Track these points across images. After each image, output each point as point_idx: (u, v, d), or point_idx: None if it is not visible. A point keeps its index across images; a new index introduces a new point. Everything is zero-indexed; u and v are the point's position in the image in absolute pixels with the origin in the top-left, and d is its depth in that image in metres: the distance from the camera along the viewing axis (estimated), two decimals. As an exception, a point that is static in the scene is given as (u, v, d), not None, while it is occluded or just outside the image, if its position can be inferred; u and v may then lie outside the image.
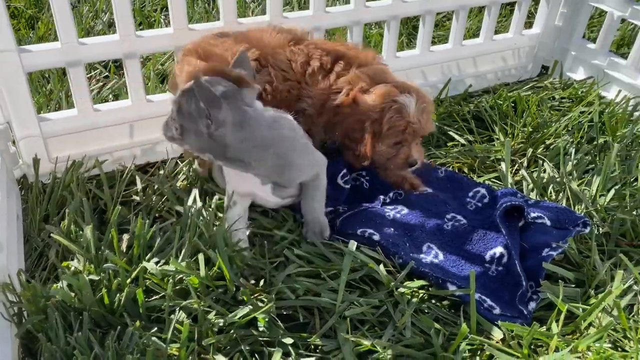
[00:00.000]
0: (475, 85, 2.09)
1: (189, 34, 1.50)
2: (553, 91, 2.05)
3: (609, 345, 1.13)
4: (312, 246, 1.31)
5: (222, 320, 1.10)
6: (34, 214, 1.38)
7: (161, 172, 1.54)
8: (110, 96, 1.89)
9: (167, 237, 1.28)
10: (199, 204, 1.36)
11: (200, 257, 1.18)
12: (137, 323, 1.06)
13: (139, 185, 1.48)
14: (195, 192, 1.38)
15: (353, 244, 1.26)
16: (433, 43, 2.02)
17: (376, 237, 1.32)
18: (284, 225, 1.38)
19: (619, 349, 1.13)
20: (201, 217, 1.30)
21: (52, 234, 1.25)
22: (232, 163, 1.24)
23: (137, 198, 1.46)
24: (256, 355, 1.09)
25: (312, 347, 1.12)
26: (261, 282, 1.20)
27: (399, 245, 1.31)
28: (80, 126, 1.51)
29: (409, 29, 2.46)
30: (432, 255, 1.31)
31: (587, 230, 1.36)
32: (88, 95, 1.48)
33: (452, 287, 1.22)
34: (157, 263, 1.19)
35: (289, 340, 1.09)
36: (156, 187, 1.46)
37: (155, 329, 1.08)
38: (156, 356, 1.03)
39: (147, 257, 1.21)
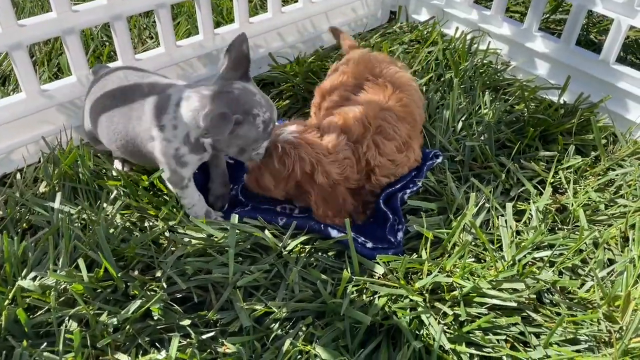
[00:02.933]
0: (331, 40, 2.15)
1: (19, 31, 1.39)
2: (402, 35, 2.17)
3: (473, 259, 1.29)
4: (196, 226, 1.32)
5: (115, 319, 1.09)
6: None
7: (19, 179, 1.45)
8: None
9: (41, 248, 1.23)
10: (67, 208, 1.31)
11: (80, 261, 1.16)
12: (24, 343, 1.03)
13: (-1, 200, 1.39)
14: (59, 195, 1.32)
15: (234, 217, 1.29)
16: (286, 3, 2.04)
17: (254, 213, 1.38)
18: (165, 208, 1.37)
19: (482, 261, 1.30)
20: (75, 219, 1.27)
21: None
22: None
23: (0, 212, 1.37)
24: (156, 344, 1.11)
25: (212, 322, 1.16)
26: (157, 273, 1.21)
27: (278, 214, 1.38)
28: None
29: (259, -10, 2.46)
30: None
31: (440, 160, 1.52)
32: None
33: (333, 232, 1.31)
34: (34, 278, 1.15)
35: (186, 322, 1.12)
36: (18, 197, 1.38)
37: (45, 344, 1.06)
38: (52, 370, 1.01)
39: (22, 274, 1.16)
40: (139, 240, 1.26)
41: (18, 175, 1.50)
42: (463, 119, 1.68)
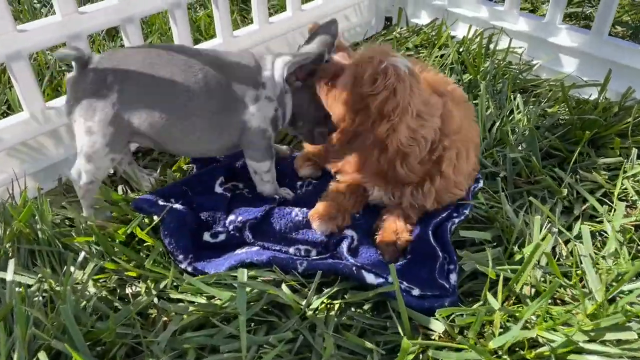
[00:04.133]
0: (325, 51, 1.91)
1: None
2: (405, 41, 1.93)
3: (550, 301, 1.02)
4: (190, 286, 1.03)
5: None
6: None
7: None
8: None
9: (-11, 338, 0.92)
10: (23, 279, 1.00)
11: (42, 355, 0.85)
12: None
13: None
14: (12, 263, 1.01)
15: (243, 273, 1.01)
16: (270, 14, 1.79)
17: (264, 256, 1.08)
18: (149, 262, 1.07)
19: (558, 301, 1.03)
20: (34, 292, 0.96)
21: None
22: None
23: (-64, 293, 1.05)
24: None
25: (227, 422, 0.86)
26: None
27: (294, 256, 1.10)
28: None
29: (239, 4, 2.20)
30: (345, 244, 1.12)
31: (481, 184, 1.26)
32: None
33: (369, 277, 1.03)
34: (-23, 386, 0.84)
35: None
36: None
37: None
38: None
39: (-39, 381, 0.85)
40: (121, 316, 0.96)
41: (-40, 240, 1.18)
42: (496, 127, 1.43)
